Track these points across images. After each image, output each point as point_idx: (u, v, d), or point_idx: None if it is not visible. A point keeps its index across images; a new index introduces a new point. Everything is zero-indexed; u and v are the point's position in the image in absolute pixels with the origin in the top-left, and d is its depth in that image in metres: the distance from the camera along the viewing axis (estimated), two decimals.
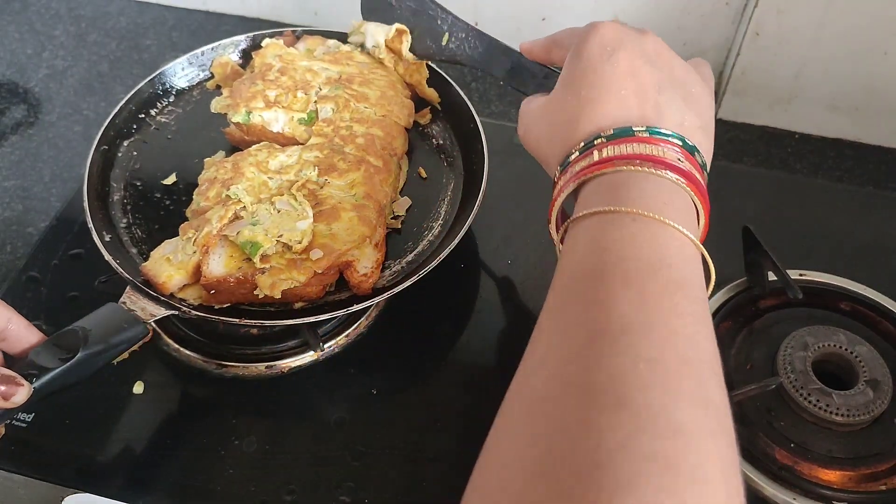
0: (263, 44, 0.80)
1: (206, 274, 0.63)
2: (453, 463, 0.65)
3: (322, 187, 0.68)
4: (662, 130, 0.49)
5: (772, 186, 0.86)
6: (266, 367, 0.69)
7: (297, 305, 0.65)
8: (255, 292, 0.63)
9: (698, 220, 0.49)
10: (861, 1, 0.81)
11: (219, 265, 0.63)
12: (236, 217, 0.65)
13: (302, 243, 0.63)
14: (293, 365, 0.69)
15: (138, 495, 0.63)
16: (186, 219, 0.69)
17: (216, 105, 0.78)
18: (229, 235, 0.64)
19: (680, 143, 0.49)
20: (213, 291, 0.63)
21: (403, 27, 0.76)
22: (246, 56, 0.83)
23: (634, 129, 0.48)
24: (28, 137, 0.95)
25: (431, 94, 0.81)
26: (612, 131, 0.49)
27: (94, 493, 0.63)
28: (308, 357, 0.70)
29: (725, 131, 0.95)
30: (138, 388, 0.68)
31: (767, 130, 0.95)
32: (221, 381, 0.69)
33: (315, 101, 0.75)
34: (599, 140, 0.49)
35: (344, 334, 0.70)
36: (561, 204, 0.51)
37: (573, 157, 0.50)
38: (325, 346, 0.70)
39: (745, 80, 0.92)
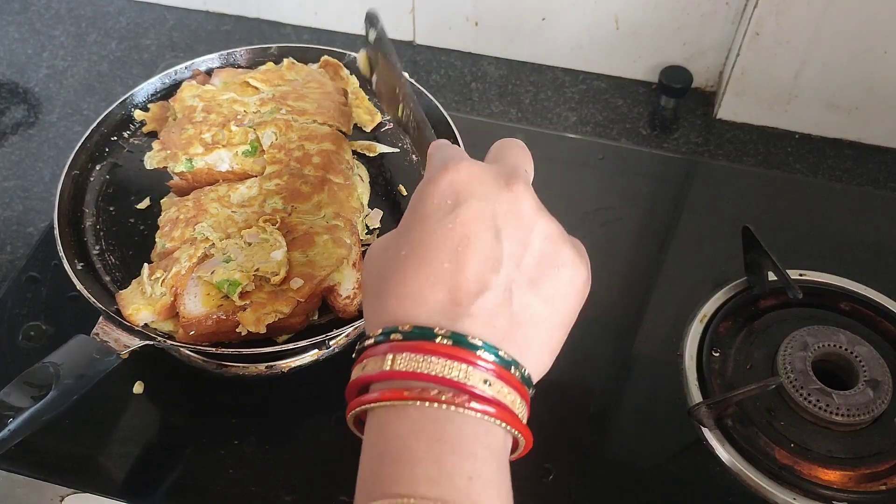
0: (179, 89, 0.77)
1: (185, 314, 0.61)
2: None
3: (290, 214, 0.66)
4: (470, 340, 0.38)
5: (772, 186, 0.86)
6: (266, 367, 0.69)
7: (281, 339, 0.63)
8: (237, 330, 0.61)
9: (517, 446, 0.41)
10: (861, 1, 0.81)
11: (197, 304, 0.61)
12: (206, 256, 0.64)
13: (280, 274, 0.61)
14: (293, 365, 0.69)
15: (138, 495, 0.63)
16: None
17: (151, 161, 0.72)
18: (203, 276, 0.62)
19: (492, 358, 0.38)
20: (192, 332, 0.61)
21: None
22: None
23: (437, 332, 0.38)
24: (28, 137, 0.95)
25: (367, 121, 0.79)
26: (409, 328, 0.38)
27: (94, 493, 0.63)
28: (308, 357, 0.70)
29: (725, 131, 0.95)
30: (138, 388, 0.68)
31: (767, 130, 0.95)
32: (221, 381, 0.69)
33: (252, 129, 0.72)
34: (395, 336, 0.38)
35: (344, 334, 0.70)
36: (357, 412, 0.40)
37: (368, 343, 0.40)
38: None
39: (745, 80, 0.92)
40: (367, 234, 0.71)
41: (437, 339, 0.37)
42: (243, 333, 0.61)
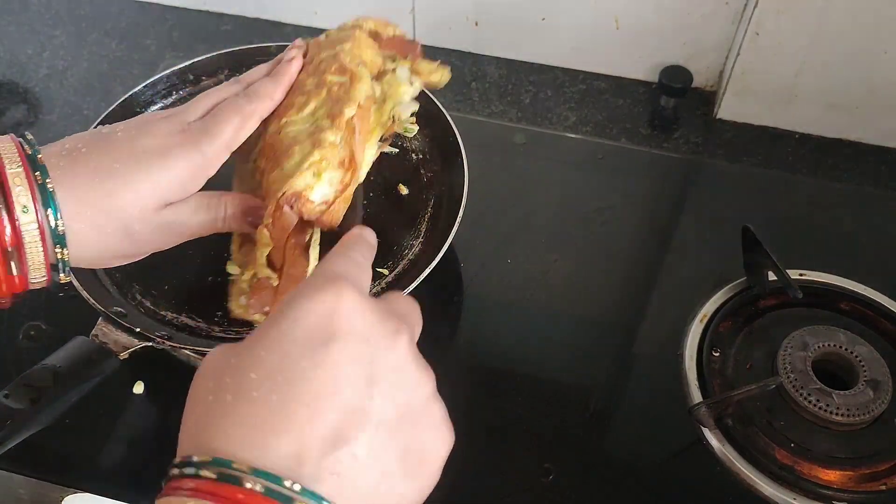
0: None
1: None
2: (453, 463, 0.64)
3: (279, 132, 0.57)
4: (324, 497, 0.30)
5: (772, 186, 0.86)
6: None
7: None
8: (271, 285, 0.55)
9: None
10: (861, 1, 0.81)
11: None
12: None
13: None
14: None
15: (138, 495, 0.63)
16: None
17: None
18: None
19: None
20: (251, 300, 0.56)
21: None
22: None
23: (285, 482, 0.29)
24: None
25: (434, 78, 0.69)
26: (248, 469, 0.30)
27: (94, 493, 0.63)
28: None
29: (725, 131, 0.95)
30: (138, 388, 0.68)
31: (767, 130, 0.95)
32: None
33: None
34: (205, 471, 0.30)
35: None
36: None
37: (169, 477, 0.32)
38: None
39: (745, 80, 0.92)
40: (410, 117, 0.62)
41: (286, 491, 0.29)
42: (261, 276, 0.55)
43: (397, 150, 0.77)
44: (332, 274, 0.35)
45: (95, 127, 0.76)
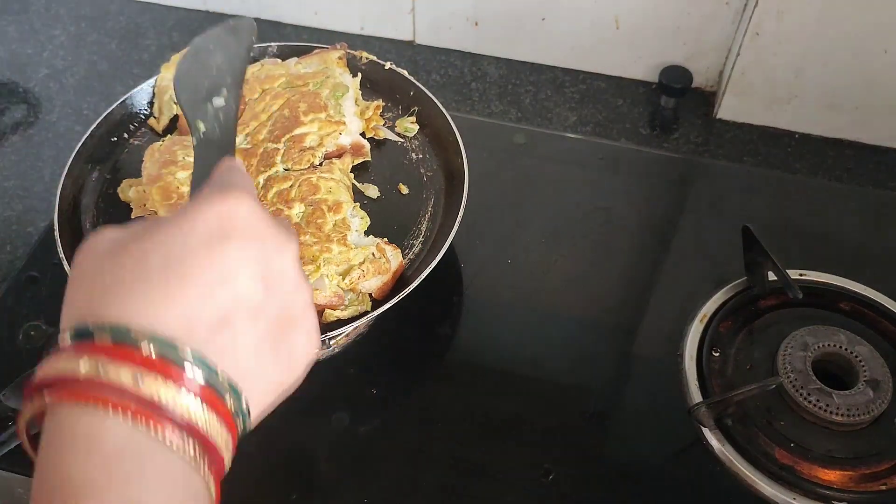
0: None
1: None
2: (453, 463, 0.65)
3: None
4: (208, 362, 0.33)
5: (772, 186, 0.86)
6: None
7: None
8: None
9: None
10: (861, 1, 0.81)
11: None
12: None
13: None
14: None
15: None
16: None
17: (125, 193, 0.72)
18: None
19: (210, 384, 0.33)
20: None
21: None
22: None
23: (178, 348, 0.33)
24: (28, 137, 0.95)
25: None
26: (150, 335, 0.32)
27: None
28: None
29: (725, 131, 0.95)
30: None
31: (767, 130, 0.95)
32: None
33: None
34: (101, 335, 0.32)
35: (344, 334, 0.70)
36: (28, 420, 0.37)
37: (63, 341, 0.34)
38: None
39: (745, 80, 0.92)
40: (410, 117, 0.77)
41: (179, 355, 0.33)
42: None
43: (402, 141, 0.78)
44: (229, 184, 0.38)
45: (95, 127, 0.76)
